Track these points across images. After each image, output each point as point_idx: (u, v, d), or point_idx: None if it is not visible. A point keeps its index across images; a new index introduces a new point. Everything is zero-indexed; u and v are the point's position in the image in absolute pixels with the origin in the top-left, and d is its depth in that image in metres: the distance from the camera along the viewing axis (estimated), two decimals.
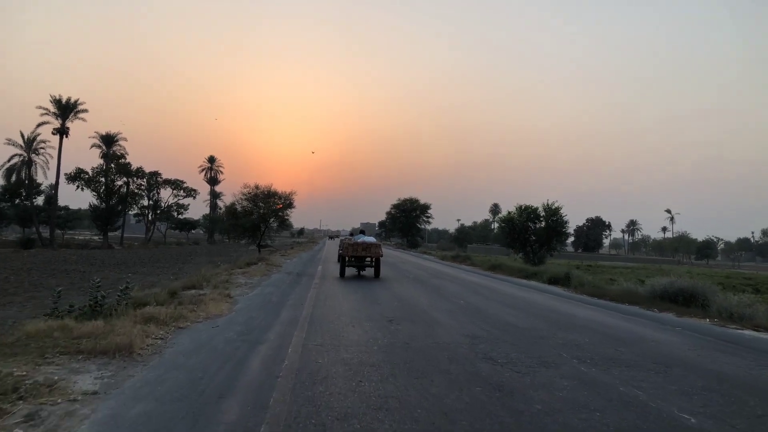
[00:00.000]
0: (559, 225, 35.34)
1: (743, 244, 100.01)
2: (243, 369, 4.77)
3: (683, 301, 11.98)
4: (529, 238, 35.22)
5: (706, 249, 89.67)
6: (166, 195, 64.44)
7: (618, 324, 8.48)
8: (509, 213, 36.64)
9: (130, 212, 61.31)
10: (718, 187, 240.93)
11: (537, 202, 35.95)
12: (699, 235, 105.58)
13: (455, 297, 11.57)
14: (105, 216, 51.46)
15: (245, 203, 39.04)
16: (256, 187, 37.60)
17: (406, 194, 77.61)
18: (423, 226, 70.83)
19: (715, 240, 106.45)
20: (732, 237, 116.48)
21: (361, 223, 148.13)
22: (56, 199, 49.21)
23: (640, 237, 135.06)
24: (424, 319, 8.24)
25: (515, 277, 19.73)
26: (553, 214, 34.90)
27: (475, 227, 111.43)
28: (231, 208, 38.88)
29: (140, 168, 56.46)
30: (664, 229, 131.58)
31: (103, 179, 51.52)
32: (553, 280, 17.65)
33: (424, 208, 65.94)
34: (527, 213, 36.04)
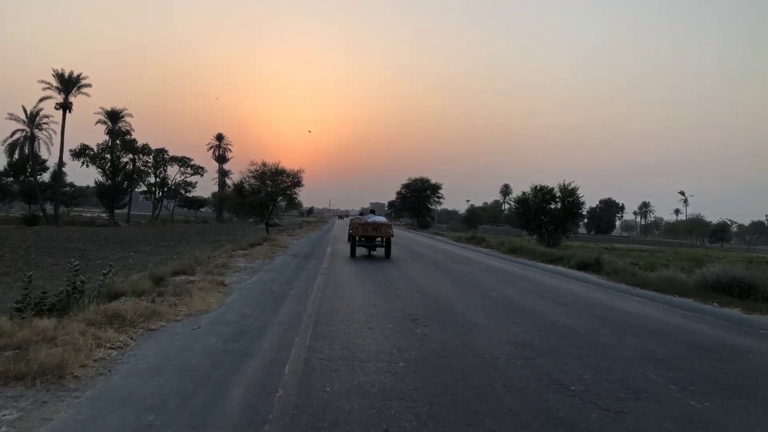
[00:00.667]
0: (575, 206, 34.10)
1: (759, 227, 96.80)
2: (218, 404, 3.32)
3: (739, 292, 10.43)
4: (544, 219, 33.89)
5: (720, 232, 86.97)
6: (173, 173, 63.25)
7: (690, 326, 6.94)
8: (524, 193, 35.30)
9: (136, 190, 60.24)
10: (730, 170, 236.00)
11: (546, 183, 34.43)
12: (712, 217, 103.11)
13: (484, 287, 10.07)
14: (111, 193, 50.37)
15: (252, 181, 37.75)
16: (264, 164, 36.25)
17: (415, 174, 75.40)
18: (434, 207, 69.12)
19: (729, 223, 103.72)
20: (745, 220, 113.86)
21: (371, 203, 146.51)
22: (60, 176, 48.21)
23: (652, 219, 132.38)
24: (455, 319, 6.76)
25: (539, 261, 18.20)
26: (569, 194, 33.62)
27: (485, 208, 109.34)
28: (238, 186, 37.73)
29: (146, 145, 55.15)
30: (677, 212, 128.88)
31: (108, 156, 50.31)
32: (582, 266, 16.20)
33: (435, 187, 64.10)
34: (543, 193, 34.73)
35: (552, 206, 33.60)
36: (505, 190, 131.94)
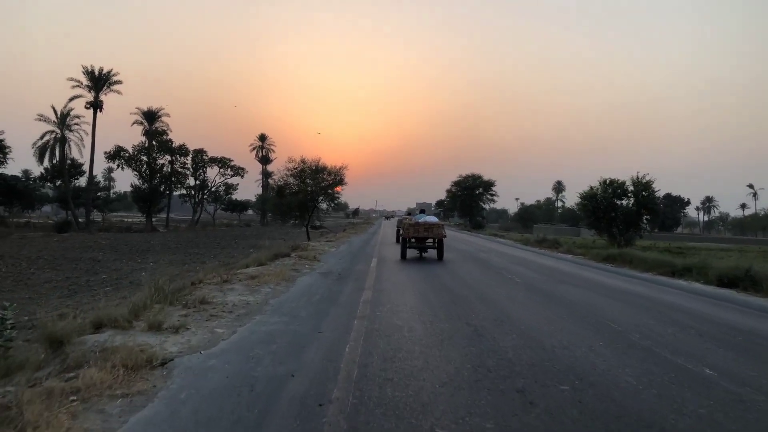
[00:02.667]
0: (650, 201, 29.23)
1: None
2: None
3: None
4: (615, 216, 29.25)
5: None
6: (213, 174, 60.99)
7: None
8: (591, 188, 30.95)
9: (175, 193, 58.22)
10: None
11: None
12: None
13: (633, 331, 5.52)
14: (147, 197, 48.20)
15: (291, 180, 34.20)
16: (303, 161, 32.59)
17: (461, 173, 69.19)
18: (486, 205, 63.53)
19: None
20: None
21: (417, 203, 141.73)
22: (92, 179, 46.24)
23: (717, 214, 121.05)
24: None
25: (656, 273, 13.40)
26: (643, 188, 28.95)
27: (539, 206, 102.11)
28: (281, 187, 34.24)
29: (183, 145, 52.89)
30: (743, 206, 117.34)
31: (144, 158, 48.15)
32: (726, 281, 11.66)
33: (488, 185, 58.51)
34: (613, 188, 29.98)
35: (623, 202, 29.13)
36: (558, 187, 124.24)
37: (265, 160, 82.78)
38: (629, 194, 29.76)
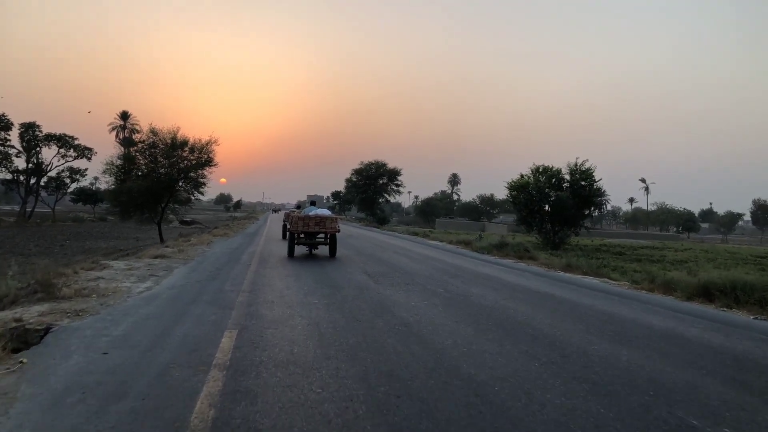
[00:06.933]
0: (594, 193, 25.62)
1: (735, 216, 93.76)
2: None
3: None
4: (552, 211, 25.36)
5: (689, 221, 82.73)
6: (50, 156, 48.37)
7: None
8: (522, 176, 26.53)
9: None
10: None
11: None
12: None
13: None
14: None
15: (139, 159, 25.75)
16: (153, 133, 24.25)
17: (357, 163, 61.18)
18: (392, 197, 57.86)
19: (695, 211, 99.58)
20: (692, 208, 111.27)
21: (308, 196, 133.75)
22: None
23: (609, 208, 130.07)
24: None
25: (640, 290, 8.55)
26: (584, 177, 25.56)
27: (440, 199, 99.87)
28: (119, 167, 25.44)
29: (2, 115, 40.53)
30: (632, 200, 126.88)
31: None
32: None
33: (394, 173, 52.63)
34: (547, 176, 26.14)
35: (558, 193, 25.32)
36: (454, 180, 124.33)
37: (128, 142, 69.84)
38: (565, 184, 26.09)
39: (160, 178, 22.94)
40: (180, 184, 24.06)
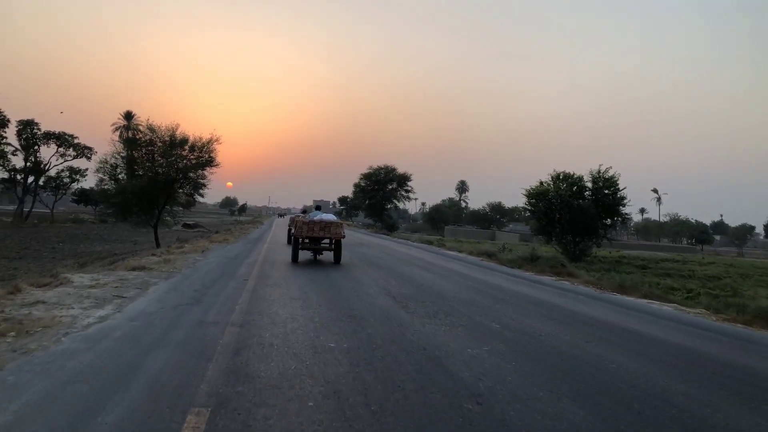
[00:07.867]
0: (616, 202, 24.12)
1: (748, 229, 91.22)
2: None
3: None
4: (573, 220, 23.19)
5: (703, 233, 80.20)
6: (49, 155, 46.75)
7: None
8: (542, 183, 24.61)
9: None
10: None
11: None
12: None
13: None
14: None
15: (135, 157, 24.16)
16: (151, 129, 22.54)
17: (365, 168, 57.60)
18: (401, 203, 55.69)
19: (710, 223, 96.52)
20: (701, 219, 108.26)
21: (314, 201, 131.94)
22: None
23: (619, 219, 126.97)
24: None
25: (733, 323, 6.71)
26: (607, 185, 24.04)
27: (449, 206, 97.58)
28: (114, 167, 23.82)
29: None
30: (642, 211, 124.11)
31: None
32: None
33: (404, 179, 50.62)
34: (569, 184, 24.49)
35: (580, 201, 23.69)
36: (462, 187, 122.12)
37: (131, 142, 68.31)
38: (588, 192, 24.23)
39: (156, 178, 21.15)
40: (179, 185, 22.27)
